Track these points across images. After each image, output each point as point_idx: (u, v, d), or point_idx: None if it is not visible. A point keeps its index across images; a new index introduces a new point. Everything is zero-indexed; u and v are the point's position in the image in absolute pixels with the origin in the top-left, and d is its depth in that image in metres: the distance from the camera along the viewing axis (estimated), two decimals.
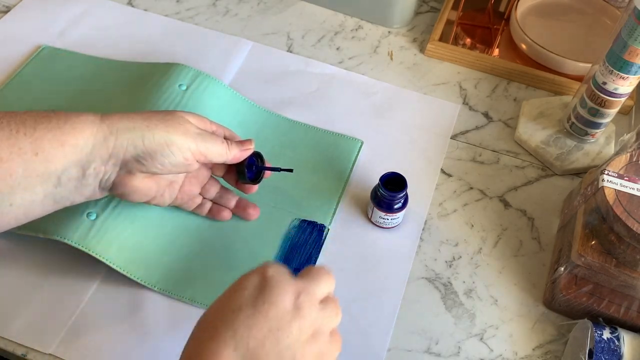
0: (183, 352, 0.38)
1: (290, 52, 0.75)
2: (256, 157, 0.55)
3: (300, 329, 0.38)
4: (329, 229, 0.59)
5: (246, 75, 0.72)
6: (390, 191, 0.55)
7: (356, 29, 0.79)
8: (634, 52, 0.54)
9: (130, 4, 0.79)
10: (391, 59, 0.76)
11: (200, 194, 0.57)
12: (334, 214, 0.60)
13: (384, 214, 0.57)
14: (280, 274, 0.40)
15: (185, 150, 0.48)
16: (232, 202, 0.58)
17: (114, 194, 0.49)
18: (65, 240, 0.51)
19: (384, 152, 0.66)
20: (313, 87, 0.71)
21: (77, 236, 0.52)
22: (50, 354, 0.50)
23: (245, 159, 0.53)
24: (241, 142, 0.53)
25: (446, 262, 0.58)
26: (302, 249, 0.57)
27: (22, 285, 0.54)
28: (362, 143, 0.66)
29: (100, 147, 0.45)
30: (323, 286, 0.41)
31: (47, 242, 0.53)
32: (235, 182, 0.56)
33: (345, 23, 0.79)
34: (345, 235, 0.59)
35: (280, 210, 0.59)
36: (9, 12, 0.76)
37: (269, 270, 0.40)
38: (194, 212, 0.57)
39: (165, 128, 0.47)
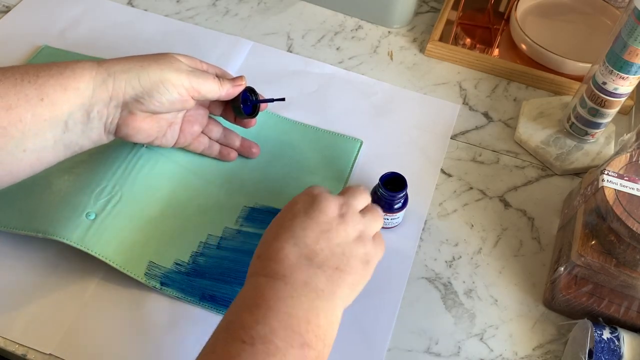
0: (254, 255, 0.45)
1: (290, 52, 0.75)
2: (250, 92, 0.58)
3: (347, 231, 0.45)
4: None
5: (246, 75, 0.71)
6: (390, 191, 0.55)
7: (356, 29, 0.79)
8: (634, 52, 0.54)
9: (130, 4, 0.79)
10: (391, 59, 0.76)
11: (205, 134, 0.60)
12: None
13: (384, 214, 0.57)
14: (323, 191, 0.47)
15: (179, 87, 0.51)
16: (237, 142, 0.62)
17: (120, 137, 0.52)
18: (64, 241, 0.51)
19: (384, 152, 0.66)
20: (313, 87, 0.71)
21: (75, 236, 0.52)
22: (50, 354, 0.50)
23: (239, 95, 0.56)
24: (233, 79, 0.55)
25: (446, 262, 0.58)
26: None
27: (22, 285, 0.54)
28: (361, 143, 0.66)
29: (100, 89, 0.48)
30: (360, 199, 0.48)
31: (47, 242, 0.53)
32: (234, 118, 0.59)
33: (345, 23, 0.79)
34: None
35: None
36: (9, 12, 0.76)
37: (314, 189, 0.47)
38: (204, 155, 0.61)
39: (158, 66, 0.50)
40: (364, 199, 0.49)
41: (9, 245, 0.56)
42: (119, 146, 0.58)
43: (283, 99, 0.59)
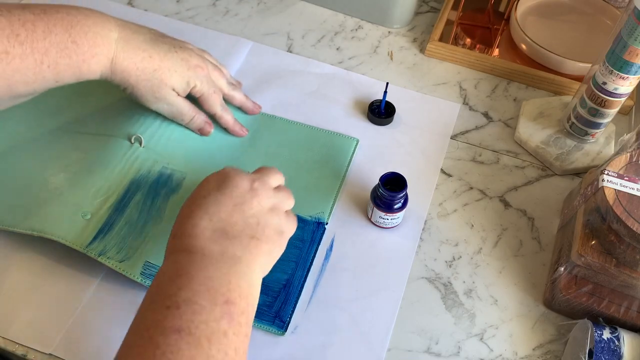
0: (170, 235, 0.46)
1: (290, 52, 0.75)
2: None
3: (260, 203, 0.46)
4: (325, 228, 0.59)
5: (246, 75, 0.72)
6: (390, 191, 0.55)
7: (356, 29, 0.79)
8: (634, 52, 0.54)
9: (130, 4, 0.79)
10: (391, 59, 0.76)
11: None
12: (330, 211, 0.60)
13: (384, 214, 0.57)
14: (235, 169, 0.49)
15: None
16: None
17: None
18: (60, 240, 0.51)
19: (384, 152, 0.66)
20: (313, 87, 0.71)
21: (71, 235, 0.52)
22: (50, 354, 0.50)
23: None
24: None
25: (446, 262, 0.58)
26: (301, 245, 0.57)
27: (22, 285, 0.54)
28: (357, 141, 0.66)
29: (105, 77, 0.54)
30: (273, 177, 0.50)
31: (47, 242, 0.53)
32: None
33: (345, 23, 0.79)
34: (345, 235, 0.59)
35: None
36: None
37: (226, 168, 0.49)
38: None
39: (156, 97, 0.58)
40: (277, 179, 0.50)
41: (9, 246, 0.56)
42: (115, 146, 0.59)
43: None
